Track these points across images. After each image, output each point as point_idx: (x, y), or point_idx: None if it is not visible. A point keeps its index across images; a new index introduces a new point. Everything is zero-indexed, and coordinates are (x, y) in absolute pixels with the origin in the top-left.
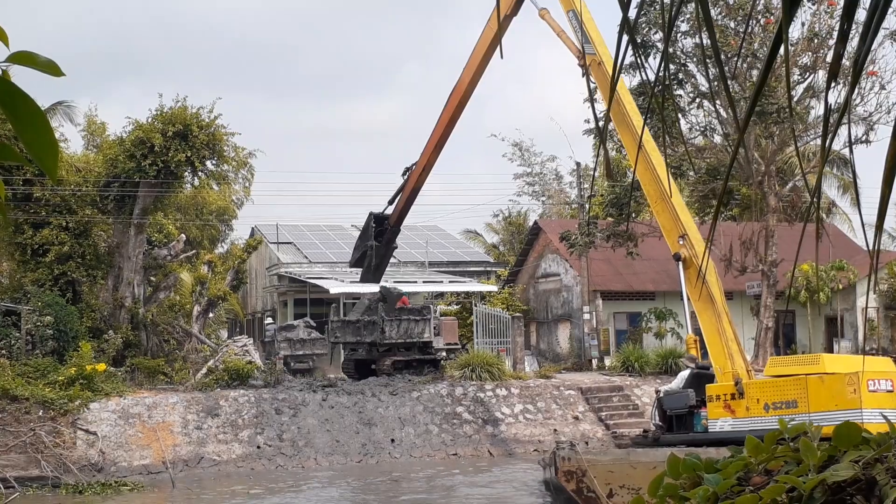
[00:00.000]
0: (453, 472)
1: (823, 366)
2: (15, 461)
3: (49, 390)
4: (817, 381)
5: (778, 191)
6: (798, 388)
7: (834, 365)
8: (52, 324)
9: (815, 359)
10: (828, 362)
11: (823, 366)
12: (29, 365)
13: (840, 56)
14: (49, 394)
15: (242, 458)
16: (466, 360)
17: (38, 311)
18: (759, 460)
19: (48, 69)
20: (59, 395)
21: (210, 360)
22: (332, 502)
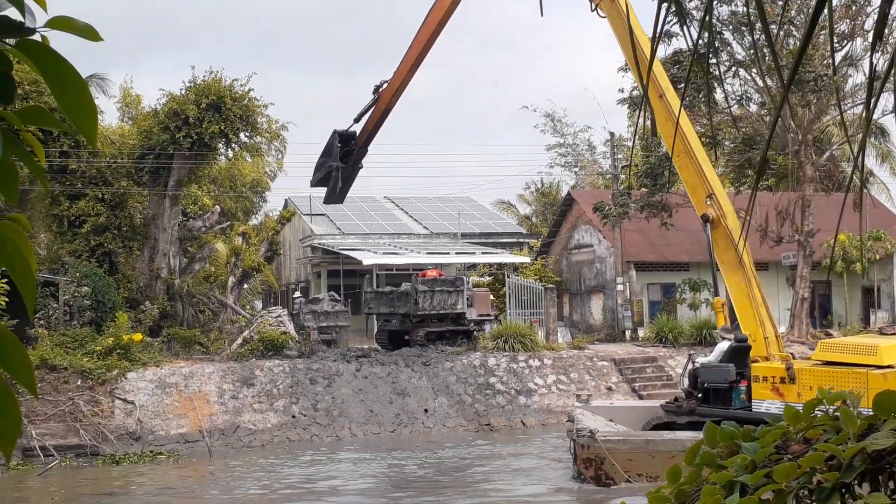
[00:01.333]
0: (486, 442)
1: (881, 357)
2: (54, 430)
3: (87, 360)
4: (879, 378)
5: (815, 160)
6: (858, 381)
7: (891, 355)
8: (89, 294)
9: (871, 348)
10: (885, 353)
11: (881, 357)
12: (67, 335)
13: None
14: (87, 364)
15: (278, 428)
16: (499, 331)
17: (76, 282)
18: (798, 429)
19: (86, 34)
20: (96, 364)
21: (245, 330)
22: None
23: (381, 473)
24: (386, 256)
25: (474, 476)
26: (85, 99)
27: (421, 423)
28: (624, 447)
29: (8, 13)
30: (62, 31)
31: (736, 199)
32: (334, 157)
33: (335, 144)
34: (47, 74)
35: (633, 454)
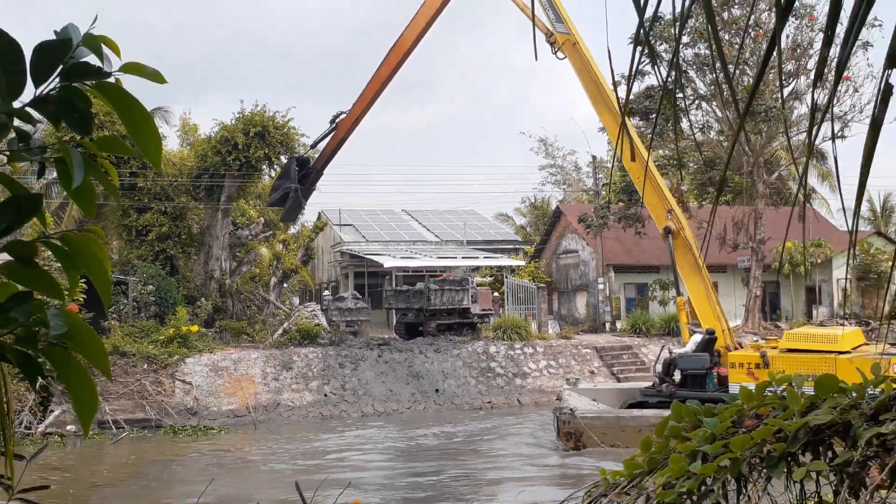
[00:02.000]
0: (488, 418)
1: (842, 344)
2: (124, 406)
3: (152, 347)
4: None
5: (765, 179)
6: (827, 365)
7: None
8: (153, 292)
9: (833, 337)
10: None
11: (842, 344)
12: (135, 326)
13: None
14: (152, 350)
15: (312, 405)
16: (499, 324)
17: (143, 282)
18: (751, 406)
19: (153, 77)
20: (160, 351)
21: (285, 322)
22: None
23: (403, 443)
24: (403, 260)
25: (478, 444)
26: (151, 130)
27: (433, 401)
28: (599, 423)
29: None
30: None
31: (699, 211)
32: (292, 180)
33: (293, 168)
34: (120, 111)
35: (606, 428)
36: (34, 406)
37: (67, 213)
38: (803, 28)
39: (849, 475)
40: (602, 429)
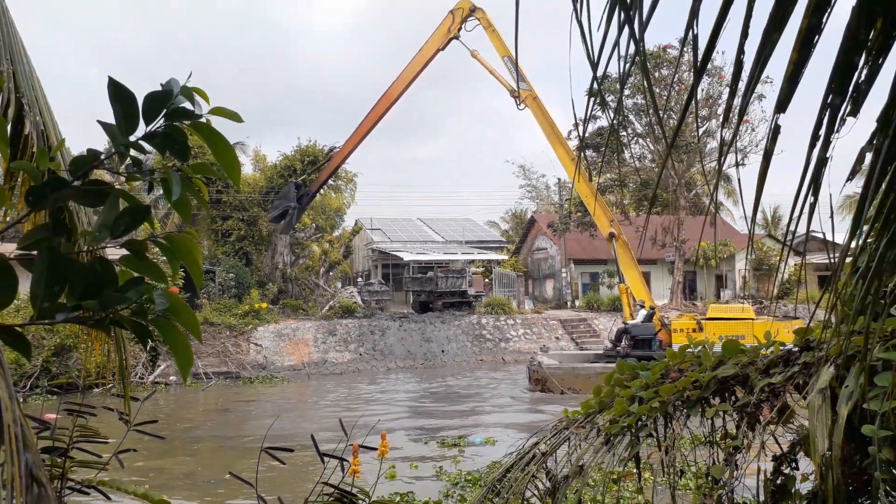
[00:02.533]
0: (480, 370)
1: (750, 313)
2: (212, 362)
3: (232, 319)
4: (760, 325)
5: (686, 195)
6: (746, 327)
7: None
8: (234, 279)
9: (744, 309)
10: (748, 312)
11: (750, 313)
12: (220, 304)
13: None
14: (232, 321)
15: (350, 362)
16: (489, 302)
17: (226, 271)
18: (675, 362)
19: (233, 117)
20: (238, 322)
21: (330, 301)
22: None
23: (418, 388)
24: (418, 255)
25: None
26: (232, 158)
27: (440, 359)
28: (559, 372)
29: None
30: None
31: (636, 219)
32: (291, 199)
33: (292, 190)
34: (209, 143)
35: (564, 376)
36: (145, 362)
37: (170, 221)
38: (714, 83)
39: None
40: (561, 376)
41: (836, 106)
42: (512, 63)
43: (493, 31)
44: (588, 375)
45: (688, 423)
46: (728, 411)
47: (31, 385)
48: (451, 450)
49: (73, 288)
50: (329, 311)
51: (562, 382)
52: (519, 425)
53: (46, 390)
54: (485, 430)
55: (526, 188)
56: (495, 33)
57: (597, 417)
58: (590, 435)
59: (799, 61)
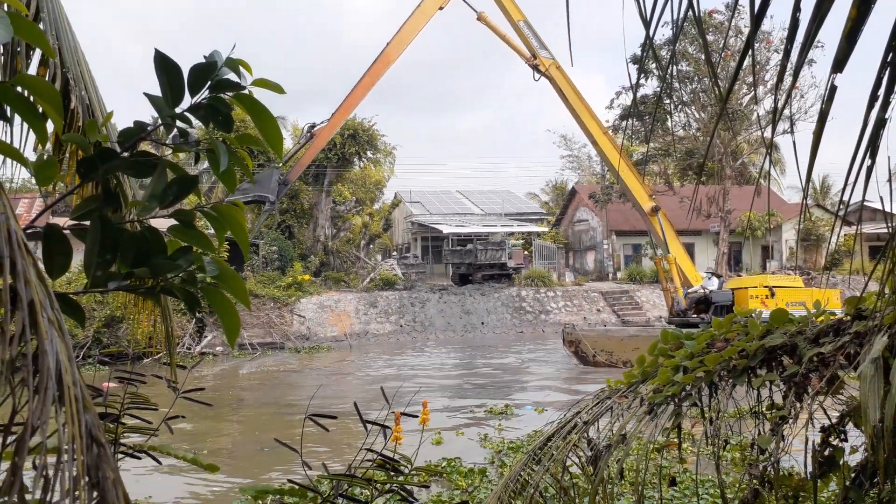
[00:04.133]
0: (520, 342)
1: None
2: (257, 333)
3: (276, 290)
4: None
5: (732, 164)
6: (806, 295)
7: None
8: (277, 251)
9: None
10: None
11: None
12: (264, 276)
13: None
14: (276, 293)
15: (391, 333)
16: (528, 274)
17: (269, 244)
18: (721, 332)
19: (276, 89)
20: (282, 293)
21: (371, 273)
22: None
23: (458, 360)
24: (457, 227)
25: (513, 359)
26: (275, 129)
27: (479, 331)
28: (592, 334)
29: (230, 76)
30: (261, 87)
31: (681, 189)
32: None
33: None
34: (253, 114)
35: (597, 338)
36: (192, 333)
37: (215, 193)
38: (762, 49)
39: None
40: (594, 338)
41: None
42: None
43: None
44: (620, 338)
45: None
46: (775, 381)
47: (83, 355)
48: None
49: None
50: (370, 283)
51: (594, 345)
52: (561, 396)
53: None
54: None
55: (567, 159)
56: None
57: (640, 387)
58: (632, 404)
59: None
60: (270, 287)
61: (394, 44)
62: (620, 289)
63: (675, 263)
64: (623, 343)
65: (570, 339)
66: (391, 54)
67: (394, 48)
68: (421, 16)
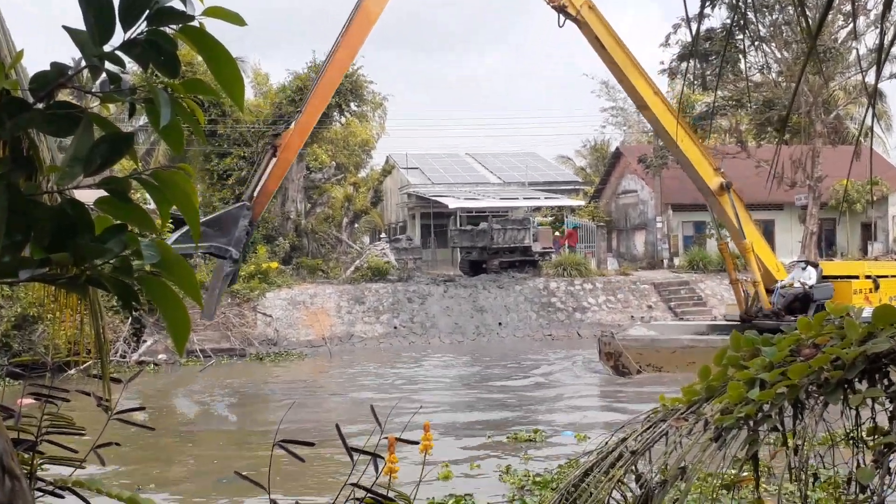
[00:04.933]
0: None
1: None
2: (211, 336)
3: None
4: None
5: (823, 119)
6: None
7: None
8: None
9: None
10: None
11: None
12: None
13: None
14: (234, 285)
15: (382, 336)
16: (559, 261)
17: None
18: (809, 336)
19: (234, 20)
20: (242, 286)
21: (356, 260)
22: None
23: (469, 371)
24: (467, 201)
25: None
26: (234, 72)
27: (496, 333)
28: (636, 344)
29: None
30: (215, 18)
31: (758, 151)
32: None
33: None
34: (205, 53)
35: (642, 349)
36: (128, 336)
37: (154, 157)
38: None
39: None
40: (638, 350)
41: None
42: None
43: None
44: (672, 349)
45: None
46: (879, 398)
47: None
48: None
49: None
50: (355, 272)
51: (639, 358)
52: (603, 416)
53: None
54: (559, 422)
55: (610, 112)
56: None
57: (704, 407)
58: (694, 429)
59: None
60: None
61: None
62: (678, 279)
63: (753, 251)
64: (675, 356)
65: (608, 350)
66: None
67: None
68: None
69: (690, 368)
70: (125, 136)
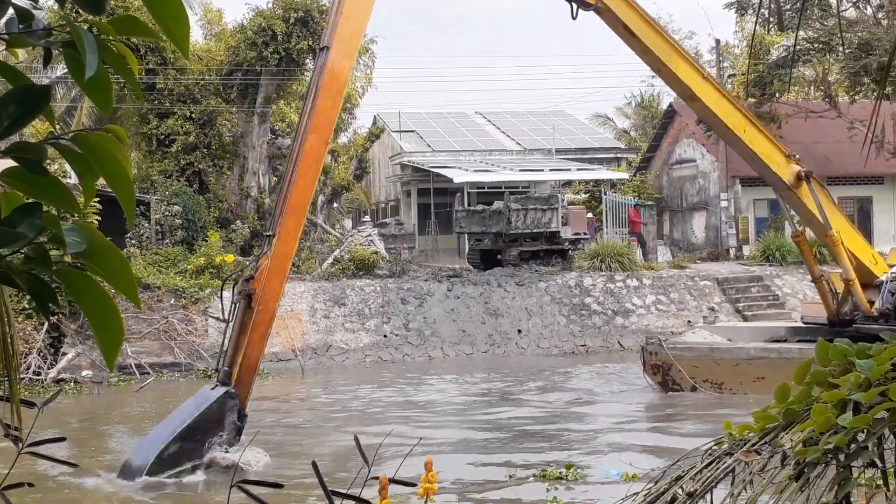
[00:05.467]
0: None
1: None
2: (149, 348)
3: (180, 279)
4: None
5: None
6: None
7: None
8: (180, 213)
9: None
10: None
11: None
12: (159, 254)
13: None
14: (180, 283)
15: (370, 347)
16: (595, 251)
17: (166, 201)
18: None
19: None
20: (189, 284)
21: (336, 249)
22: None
23: (480, 387)
24: (477, 174)
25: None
26: (176, 7)
27: (514, 343)
28: (690, 354)
29: None
30: None
31: (850, 108)
32: (229, 441)
33: (227, 416)
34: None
35: (698, 361)
36: (43, 348)
37: (77, 116)
38: None
39: None
40: (693, 361)
41: None
42: None
43: None
44: (736, 361)
45: None
46: None
47: None
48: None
49: None
50: (333, 265)
51: (694, 372)
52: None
53: None
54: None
55: None
56: None
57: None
58: (769, 465)
59: None
60: (170, 273)
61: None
62: (749, 274)
63: (843, 243)
64: (739, 369)
65: (654, 361)
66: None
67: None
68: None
69: (759, 386)
70: (39, 90)
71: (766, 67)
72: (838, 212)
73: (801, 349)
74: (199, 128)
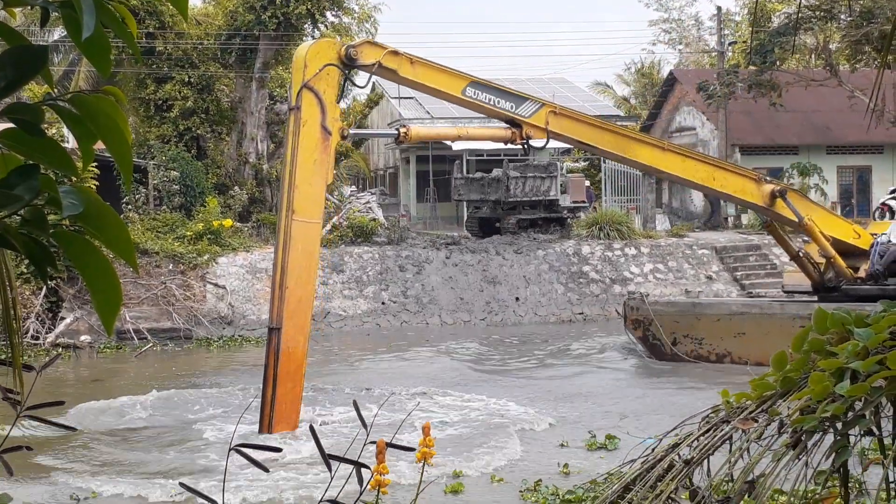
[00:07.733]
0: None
1: None
2: (147, 313)
3: (178, 245)
4: None
5: None
6: None
7: None
8: (178, 179)
9: None
10: None
11: None
12: (157, 220)
13: None
14: (178, 248)
15: (367, 314)
16: (594, 219)
17: (164, 166)
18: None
19: None
20: (187, 249)
21: (334, 216)
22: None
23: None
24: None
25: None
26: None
27: (512, 311)
28: (671, 309)
29: None
30: None
31: (851, 77)
32: None
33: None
34: None
35: (679, 316)
36: (41, 312)
37: (75, 80)
38: None
39: None
40: (674, 317)
41: None
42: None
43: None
44: (716, 316)
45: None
46: None
47: None
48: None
49: None
50: (332, 232)
51: (675, 327)
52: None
53: None
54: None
55: (661, 26)
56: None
57: (778, 404)
58: (766, 432)
59: None
60: (168, 238)
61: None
62: (747, 242)
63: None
64: (720, 325)
65: (634, 317)
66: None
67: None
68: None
69: (740, 342)
70: (37, 51)
71: (767, 35)
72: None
73: (782, 304)
74: (198, 93)
